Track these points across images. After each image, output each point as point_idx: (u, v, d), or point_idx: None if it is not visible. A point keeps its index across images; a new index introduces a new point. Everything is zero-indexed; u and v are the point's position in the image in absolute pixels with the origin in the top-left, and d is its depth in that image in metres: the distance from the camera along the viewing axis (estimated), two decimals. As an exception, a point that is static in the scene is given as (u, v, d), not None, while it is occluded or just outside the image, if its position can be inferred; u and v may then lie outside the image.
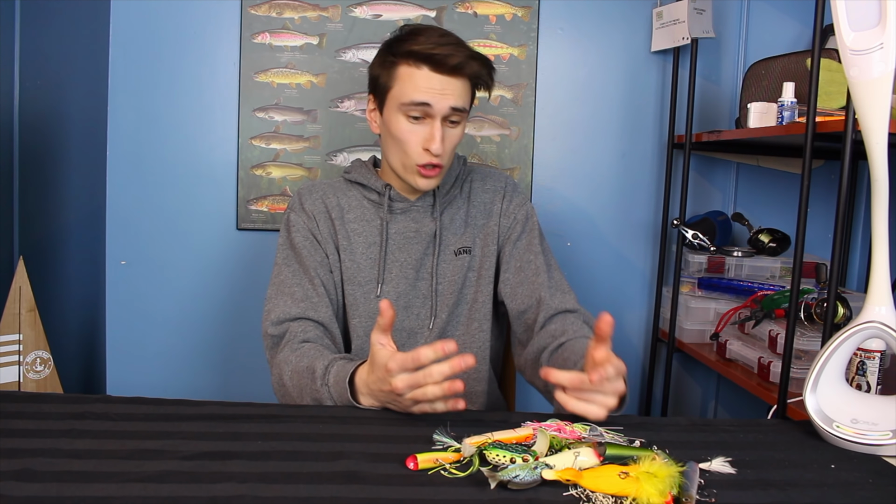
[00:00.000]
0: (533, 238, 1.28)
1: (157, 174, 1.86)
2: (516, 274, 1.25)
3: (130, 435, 0.82)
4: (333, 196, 1.26)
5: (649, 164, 1.96)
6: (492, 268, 1.27)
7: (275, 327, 1.16)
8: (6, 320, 1.45)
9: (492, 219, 1.28)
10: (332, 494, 0.69)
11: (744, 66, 1.91)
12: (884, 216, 0.87)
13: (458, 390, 0.86)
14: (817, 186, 1.92)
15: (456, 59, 1.11)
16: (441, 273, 1.25)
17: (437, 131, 1.13)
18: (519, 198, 1.30)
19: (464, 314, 1.27)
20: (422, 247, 1.24)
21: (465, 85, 1.15)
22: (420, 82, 1.12)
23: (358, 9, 1.84)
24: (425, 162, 1.15)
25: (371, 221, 1.24)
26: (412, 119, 1.14)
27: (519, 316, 1.24)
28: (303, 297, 1.18)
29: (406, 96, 1.13)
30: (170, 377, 1.91)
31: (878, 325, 0.88)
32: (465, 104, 1.16)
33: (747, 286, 1.74)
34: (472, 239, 1.27)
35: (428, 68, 1.12)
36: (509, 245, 1.27)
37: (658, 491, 0.68)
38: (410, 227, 1.24)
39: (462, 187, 1.29)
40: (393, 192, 1.24)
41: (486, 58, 1.18)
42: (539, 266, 1.24)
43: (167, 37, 1.83)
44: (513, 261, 1.26)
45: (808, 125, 1.32)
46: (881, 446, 0.84)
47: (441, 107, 1.13)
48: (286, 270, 1.21)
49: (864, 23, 0.84)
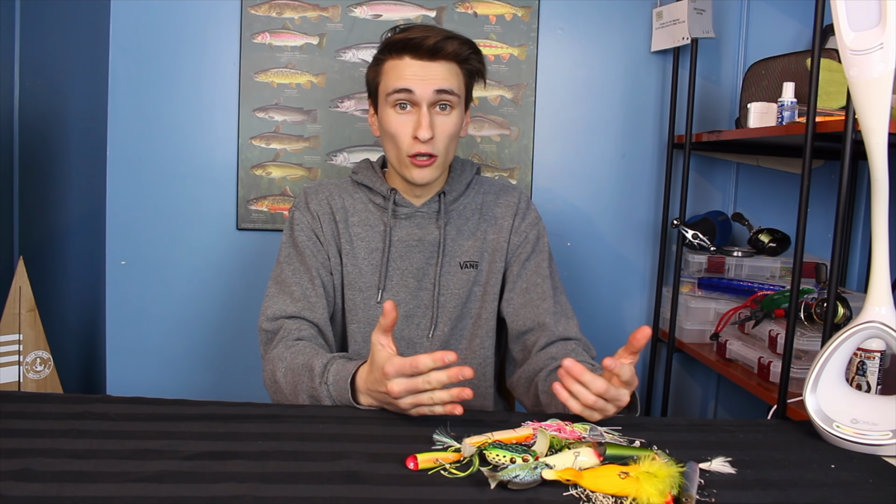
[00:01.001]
0: (542, 260, 1.25)
1: (157, 174, 1.86)
2: (521, 295, 1.23)
3: (130, 435, 0.82)
4: (339, 197, 1.25)
5: (649, 164, 1.96)
6: (497, 284, 1.25)
7: (270, 323, 1.15)
8: (6, 320, 1.45)
9: (502, 234, 1.25)
10: (332, 494, 0.69)
11: (744, 66, 1.91)
12: (884, 216, 0.87)
13: (466, 398, 0.86)
14: (817, 186, 1.92)
15: (432, 41, 1.11)
16: (444, 284, 1.23)
17: (424, 117, 1.12)
18: (532, 216, 1.28)
19: (467, 329, 1.25)
20: (424, 255, 1.22)
21: (450, 68, 1.14)
22: (402, 70, 1.13)
23: (358, 9, 1.84)
24: (415, 152, 1.14)
25: (374, 226, 1.23)
26: (399, 109, 1.14)
27: (518, 337, 1.22)
28: (301, 297, 1.17)
29: (390, 86, 1.13)
30: (170, 377, 1.91)
31: (878, 325, 0.88)
32: (450, 86, 1.13)
33: (747, 286, 1.74)
34: (479, 253, 1.24)
35: (409, 56, 1.13)
36: (517, 264, 1.25)
37: (658, 491, 0.68)
38: (414, 235, 1.22)
39: (474, 199, 1.27)
40: (398, 196, 1.22)
41: (467, 39, 1.16)
42: (546, 290, 1.22)
43: (167, 37, 1.83)
44: (520, 281, 1.24)
45: (808, 125, 1.32)
46: (881, 446, 0.84)
47: (424, 91, 1.12)
48: (287, 268, 1.20)
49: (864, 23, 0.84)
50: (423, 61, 1.12)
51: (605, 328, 2.00)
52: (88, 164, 1.82)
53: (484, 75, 1.21)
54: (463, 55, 1.15)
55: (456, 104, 1.15)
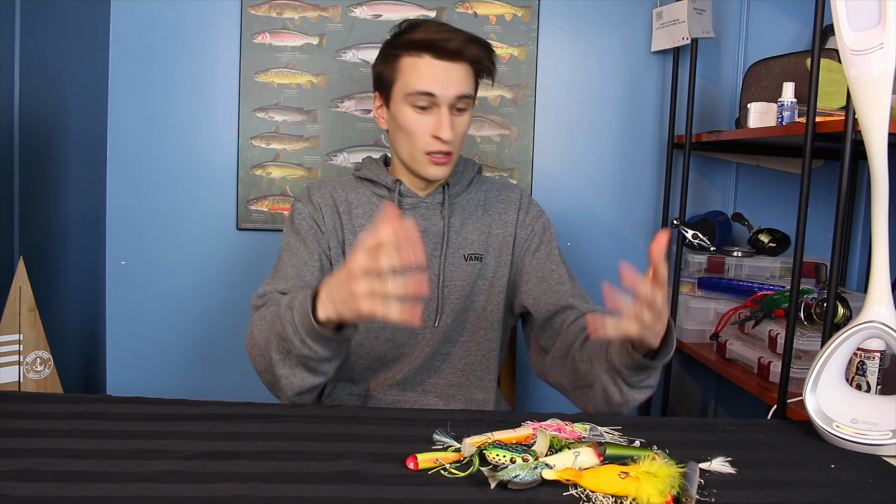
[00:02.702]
0: (552, 249, 1.27)
1: (157, 174, 1.86)
2: (539, 284, 1.23)
3: (130, 435, 0.82)
4: (342, 191, 1.25)
5: (649, 165, 1.96)
6: (504, 278, 1.25)
7: (258, 299, 1.13)
8: (6, 320, 1.45)
9: (507, 229, 1.27)
10: (332, 494, 0.69)
11: (744, 66, 1.91)
12: (884, 216, 0.87)
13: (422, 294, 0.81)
14: (817, 186, 1.92)
15: (455, 43, 1.12)
16: (448, 276, 1.24)
17: (445, 119, 1.13)
18: (535, 210, 1.30)
19: (471, 320, 1.25)
20: (429, 247, 1.23)
21: (468, 70, 1.16)
22: (423, 71, 1.13)
23: (358, 9, 1.84)
24: (435, 150, 1.15)
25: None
26: (419, 109, 1.14)
27: (545, 324, 1.21)
28: (294, 276, 1.16)
29: (411, 86, 1.13)
30: (170, 377, 1.91)
31: (878, 325, 0.88)
32: (469, 90, 1.16)
33: (747, 286, 1.74)
34: (484, 247, 1.25)
35: (430, 56, 1.13)
36: (528, 256, 1.26)
37: (658, 491, 0.68)
38: (419, 226, 1.23)
39: (477, 194, 1.29)
40: (403, 187, 1.23)
41: (486, 42, 1.18)
42: (562, 275, 1.24)
43: (167, 37, 1.83)
44: (534, 271, 1.25)
45: (808, 125, 1.32)
46: (881, 446, 0.84)
47: (446, 95, 1.13)
48: (284, 255, 1.20)
49: (864, 23, 0.84)
50: (445, 62, 1.13)
51: (605, 328, 2.00)
52: (88, 164, 1.82)
53: (493, 76, 1.22)
54: (483, 62, 1.17)
55: (470, 105, 1.18)
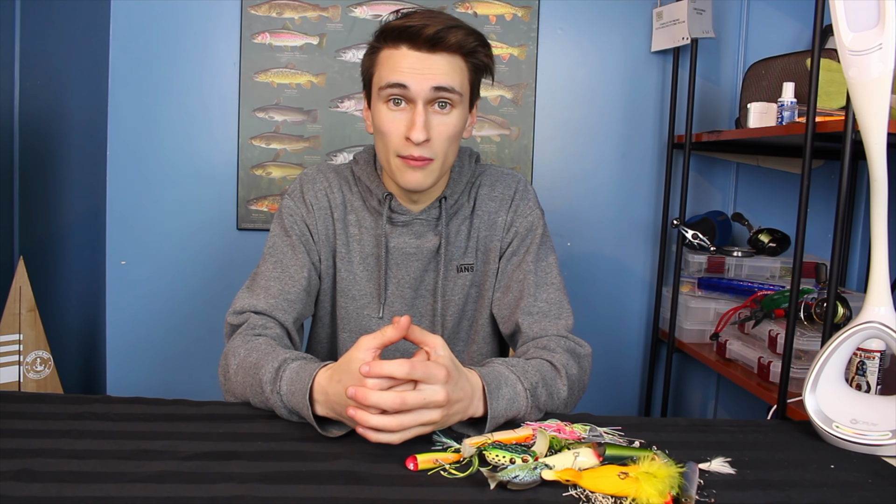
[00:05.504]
0: (528, 255, 1.13)
1: (157, 174, 1.86)
2: (504, 294, 1.13)
3: (130, 435, 0.82)
4: (339, 191, 1.14)
5: (649, 165, 1.96)
6: (491, 286, 1.16)
7: (235, 316, 1.05)
8: (6, 320, 1.45)
9: (494, 232, 1.15)
10: (332, 494, 0.69)
11: (744, 66, 1.91)
12: (883, 216, 0.87)
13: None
14: (817, 186, 1.92)
15: (432, 29, 0.97)
16: (443, 290, 1.15)
17: (419, 116, 0.99)
18: (525, 206, 1.16)
19: (464, 332, 1.18)
20: (422, 263, 1.13)
21: (452, 61, 1.00)
22: (398, 62, 0.99)
23: (358, 9, 1.84)
24: (407, 153, 1.01)
25: (370, 230, 1.13)
26: (393, 105, 1.01)
27: (510, 337, 1.14)
28: (277, 293, 1.07)
29: (384, 79, 1.00)
30: (170, 377, 1.91)
31: (877, 325, 0.88)
32: (451, 83, 0.99)
33: (747, 286, 1.74)
34: (473, 254, 1.15)
35: (406, 46, 0.99)
36: (504, 261, 1.14)
37: (658, 491, 0.68)
38: (411, 244, 1.12)
39: (469, 193, 1.15)
40: (394, 203, 1.11)
41: (474, 29, 1.01)
42: (525, 287, 1.10)
43: (167, 37, 1.83)
44: (503, 279, 1.14)
45: (808, 125, 1.32)
46: (881, 446, 0.84)
47: (420, 88, 0.98)
48: (269, 261, 1.11)
49: (863, 23, 0.84)
50: (422, 53, 0.99)
51: (605, 328, 2.00)
52: (88, 164, 1.82)
53: (492, 70, 1.07)
54: (468, 47, 1.01)
55: (457, 103, 1.02)
